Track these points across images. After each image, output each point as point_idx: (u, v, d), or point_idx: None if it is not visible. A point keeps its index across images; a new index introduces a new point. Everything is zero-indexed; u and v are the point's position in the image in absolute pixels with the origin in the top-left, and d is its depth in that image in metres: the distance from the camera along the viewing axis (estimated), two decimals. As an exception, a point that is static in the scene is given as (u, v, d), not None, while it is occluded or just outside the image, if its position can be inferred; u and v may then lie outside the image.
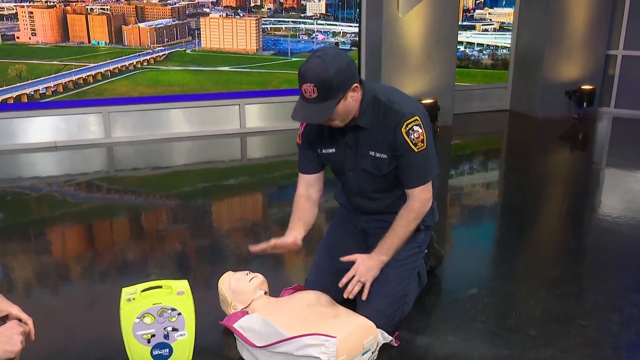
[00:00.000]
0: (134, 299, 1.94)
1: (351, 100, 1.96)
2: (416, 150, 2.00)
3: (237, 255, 2.93)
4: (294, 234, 2.10)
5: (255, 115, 5.51)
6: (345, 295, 2.06)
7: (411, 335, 2.17)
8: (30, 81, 4.87)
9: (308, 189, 2.22)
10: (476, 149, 5.34)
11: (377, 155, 2.05)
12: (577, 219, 3.44)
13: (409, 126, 1.98)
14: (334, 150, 2.13)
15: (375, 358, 2.03)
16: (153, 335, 1.96)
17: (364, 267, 2.07)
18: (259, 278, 2.24)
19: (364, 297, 2.08)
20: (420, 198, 2.07)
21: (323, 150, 2.16)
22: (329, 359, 1.84)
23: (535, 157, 4.85)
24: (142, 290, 1.97)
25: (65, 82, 4.98)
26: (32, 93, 4.90)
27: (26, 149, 4.89)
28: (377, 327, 2.03)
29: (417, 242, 2.21)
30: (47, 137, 4.98)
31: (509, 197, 3.94)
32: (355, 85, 1.95)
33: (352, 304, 2.13)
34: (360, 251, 2.17)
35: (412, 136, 1.98)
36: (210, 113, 5.39)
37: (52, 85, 4.94)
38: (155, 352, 1.99)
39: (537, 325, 2.23)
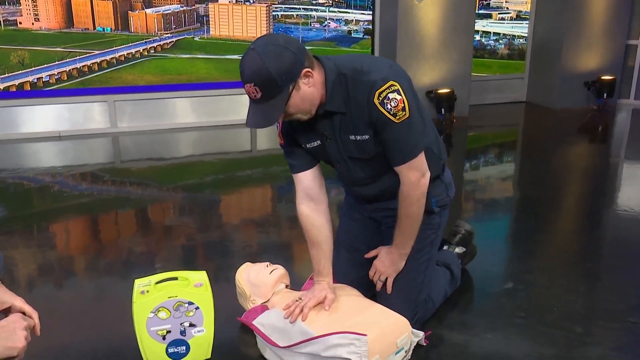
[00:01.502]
0: (147, 291, 1.78)
1: (307, 88, 1.65)
2: (397, 120, 1.68)
3: (249, 248, 2.77)
4: (324, 286, 1.90)
5: (265, 105, 5.33)
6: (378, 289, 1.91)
7: (446, 332, 2.01)
8: (33, 69, 4.71)
9: (310, 201, 1.89)
10: (493, 141, 5.17)
11: (359, 138, 1.77)
12: (598, 212, 3.28)
13: (383, 95, 1.65)
14: (319, 141, 1.83)
15: (409, 358, 1.86)
16: (169, 332, 1.80)
17: (383, 264, 1.94)
18: (280, 270, 2.07)
19: (388, 290, 1.97)
20: (408, 180, 1.78)
21: (307, 145, 1.85)
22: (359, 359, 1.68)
23: (553, 150, 4.69)
24: (157, 282, 1.81)
25: (70, 70, 4.82)
26: (35, 81, 4.75)
27: (29, 138, 4.76)
28: None
29: (431, 228, 1.98)
30: (51, 127, 4.85)
31: (527, 190, 3.76)
32: (306, 70, 1.63)
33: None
34: (377, 239, 2.03)
35: (389, 106, 1.66)
36: (219, 103, 5.24)
37: (56, 73, 4.78)
38: (171, 350, 1.83)
39: (581, 321, 2.06)
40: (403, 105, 1.68)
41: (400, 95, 1.67)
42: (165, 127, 5.12)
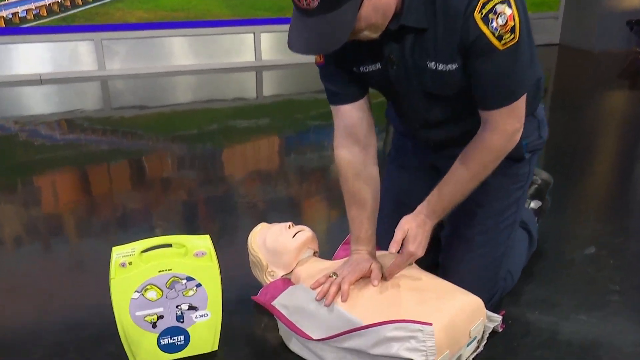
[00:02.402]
0: (130, 263, 1.29)
1: None
2: (501, 46, 1.18)
3: (259, 205, 2.29)
4: (365, 256, 1.41)
5: (273, 46, 4.81)
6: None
7: (525, 313, 1.54)
8: (6, 2, 4.13)
9: (355, 143, 1.40)
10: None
11: (441, 67, 1.27)
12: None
13: (488, 6, 1.15)
14: (378, 66, 1.34)
15: (482, 350, 1.39)
16: (160, 317, 1.33)
17: (410, 246, 1.33)
18: (306, 233, 1.58)
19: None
20: (503, 129, 1.27)
21: (361, 68, 1.36)
22: (425, 359, 1.21)
23: (590, 97, 4.16)
24: (143, 251, 1.32)
25: (49, 4, 4.25)
26: (10, 16, 4.18)
27: (6, 82, 4.24)
28: None
29: (518, 181, 1.50)
30: (30, 69, 4.32)
31: (564, 143, 3.24)
32: None
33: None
34: None
35: (494, 23, 1.16)
36: (220, 43, 4.71)
37: (34, 8, 4.21)
38: (165, 341, 1.35)
39: (699, 299, 1.59)
40: (513, 24, 1.16)
41: (511, 9, 1.15)
42: (159, 70, 4.60)
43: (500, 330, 1.45)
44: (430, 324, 1.21)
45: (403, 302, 1.32)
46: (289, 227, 1.59)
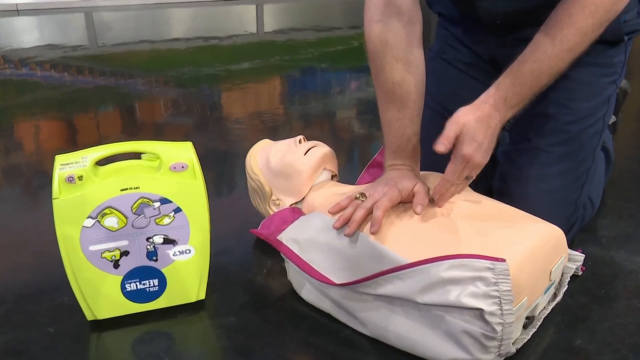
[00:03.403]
0: (80, 178, 0.92)
1: None
2: None
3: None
4: (407, 174, 1.02)
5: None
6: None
7: (611, 252, 1.18)
8: None
9: (395, 15, 1.02)
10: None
11: None
12: None
13: None
14: None
15: (560, 299, 1.03)
16: (125, 254, 0.97)
17: (466, 147, 0.92)
18: (321, 148, 1.21)
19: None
20: None
21: None
22: (498, 309, 0.84)
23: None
24: (99, 162, 0.95)
25: None
26: (-18, -62, 3.74)
27: (-21, 13, 3.82)
28: None
29: (609, 73, 1.12)
30: (6, -1, 3.91)
31: None
32: None
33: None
34: None
35: None
36: (217, -28, 4.26)
37: None
38: (131, 286, 1.00)
39: None
40: None
41: None
42: (150, 1, 4.17)
43: (580, 274, 1.09)
44: (504, 260, 0.84)
45: (460, 233, 0.95)
46: (299, 142, 1.21)
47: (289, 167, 1.18)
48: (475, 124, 0.92)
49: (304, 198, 1.19)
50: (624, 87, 1.47)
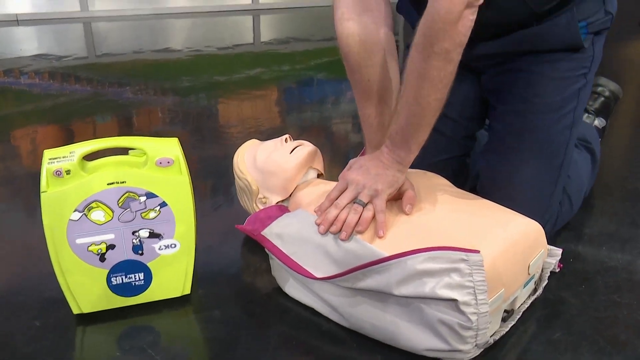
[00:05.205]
0: (68, 172, 0.94)
1: None
2: None
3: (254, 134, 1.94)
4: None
5: (272, -14, 4.43)
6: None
7: (592, 249, 1.20)
8: None
9: (364, 12, 1.02)
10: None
11: None
12: None
13: None
14: None
15: (540, 293, 1.05)
16: (111, 247, 0.99)
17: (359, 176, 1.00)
18: (306, 147, 1.23)
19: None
20: None
21: None
22: (472, 299, 0.85)
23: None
24: (86, 157, 0.97)
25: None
26: (-17, -51, 3.80)
27: (-22, 23, 3.86)
28: None
29: (581, 67, 1.13)
30: (5, 8, 3.98)
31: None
32: None
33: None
34: (470, 101, 1.21)
35: None
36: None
37: (8, -61, 3.83)
38: (117, 280, 1.01)
39: None
40: None
41: None
42: (149, 12, 4.23)
43: (557, 270, 1.11)
44: (478, 252, 0.86)
45: (440, 227, 0.96)
46: (285, 141, 1.24)
47: (275, 165, 1.20)
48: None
49: (290, 196, 1.21)
50: (615, 92, 1.49)
